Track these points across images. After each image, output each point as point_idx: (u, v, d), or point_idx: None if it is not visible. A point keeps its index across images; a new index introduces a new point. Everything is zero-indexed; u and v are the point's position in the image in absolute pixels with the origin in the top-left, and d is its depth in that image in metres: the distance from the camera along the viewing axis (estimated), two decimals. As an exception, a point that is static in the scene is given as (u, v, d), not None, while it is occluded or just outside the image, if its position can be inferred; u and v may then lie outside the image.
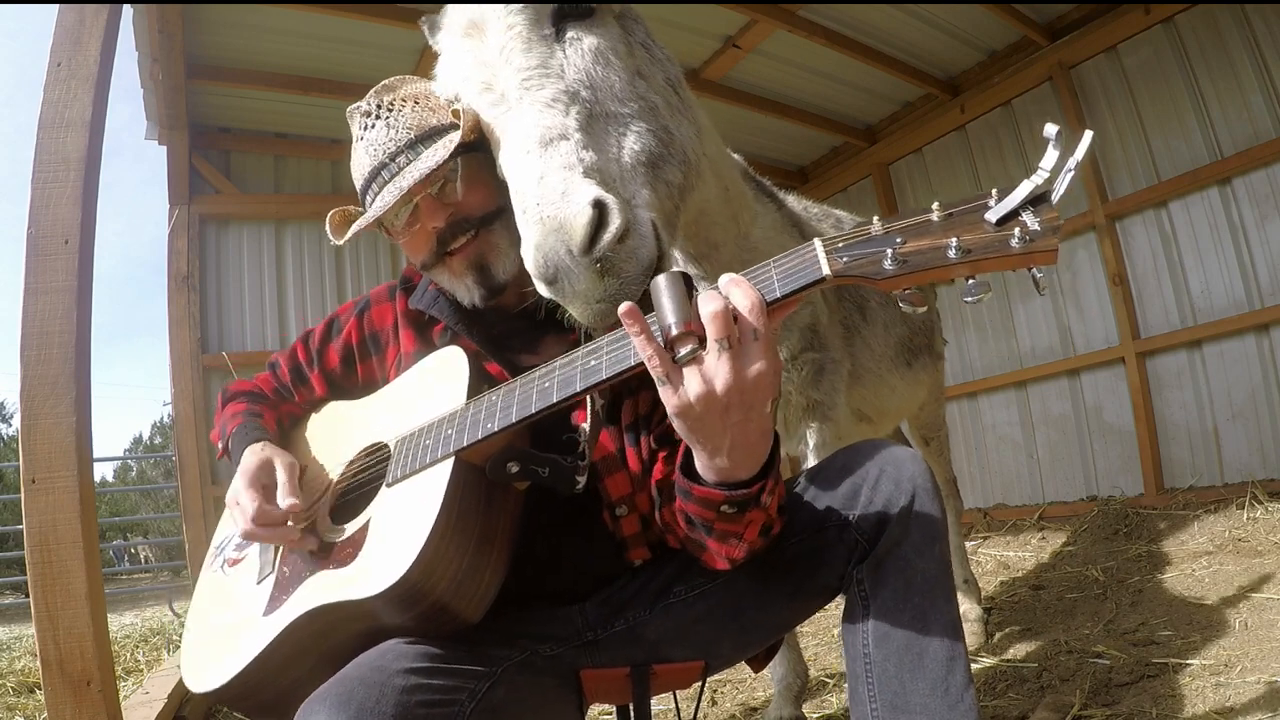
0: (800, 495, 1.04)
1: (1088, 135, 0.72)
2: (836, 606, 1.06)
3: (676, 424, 0.82)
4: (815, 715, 2.05)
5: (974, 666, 2.24)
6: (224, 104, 4.19)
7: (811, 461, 1.77)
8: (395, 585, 0.87)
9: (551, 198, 0.93)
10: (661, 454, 1.10)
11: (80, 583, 1.48)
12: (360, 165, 1.14)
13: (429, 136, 1.11)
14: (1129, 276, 4.22)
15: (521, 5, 1.08)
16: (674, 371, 0.78)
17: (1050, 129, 0.72)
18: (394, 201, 1.05)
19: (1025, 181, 0.73)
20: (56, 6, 1.66)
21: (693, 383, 0.77)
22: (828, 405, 1.77)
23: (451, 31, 1.15)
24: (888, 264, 0.75)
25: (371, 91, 1.15)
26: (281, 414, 1.29)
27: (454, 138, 1.07)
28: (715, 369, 0.76)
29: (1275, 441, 3.72)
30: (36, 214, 1.58)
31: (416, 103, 1.14)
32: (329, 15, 3.48)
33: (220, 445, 1.23)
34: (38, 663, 1.50)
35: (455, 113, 1.10)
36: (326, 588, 0.96)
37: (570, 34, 1.10)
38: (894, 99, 5.14)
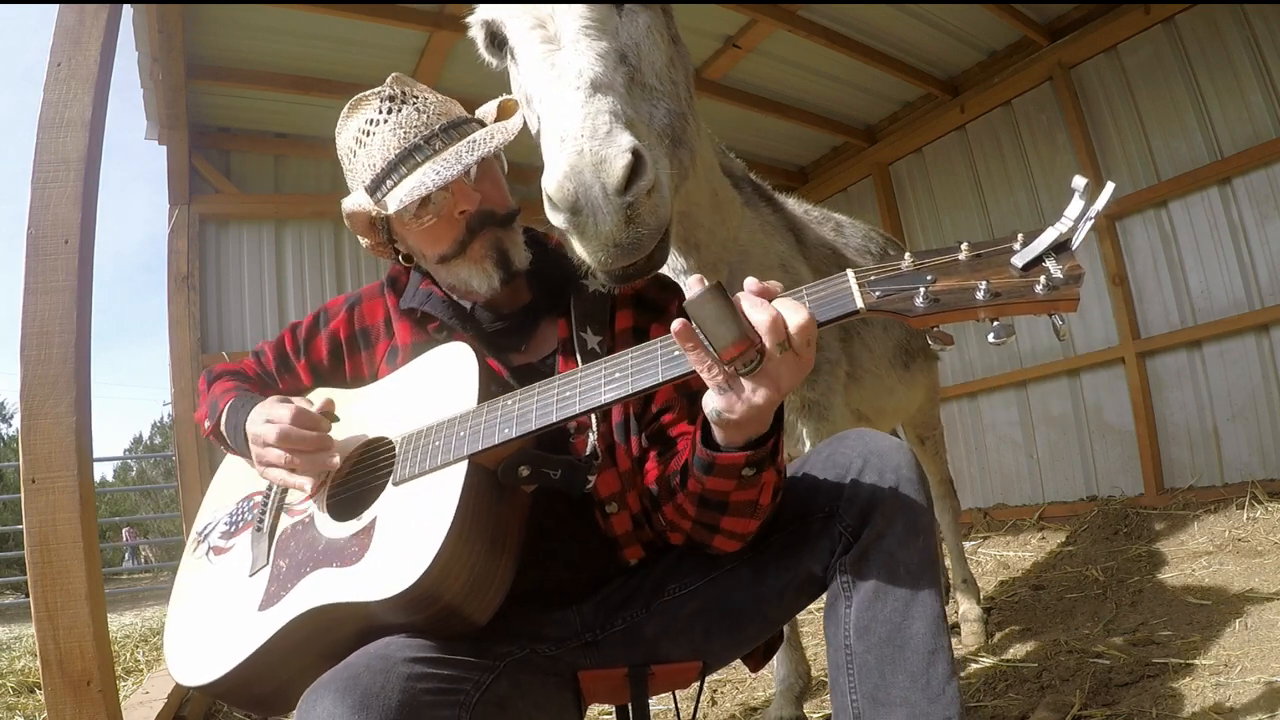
0: (788, 486, 1.03)
1: (1109, 187, 0.75)
2: (836, 606, 1.06)
3: (724, 419, 0.84)
4: (816, 715, 2.05)
5: (974, 666, 2.24)
6: (224, 104, 4.18)
7: None
8: (410, 589, 0.86)
9: (596, 134, 0.97)
10: (653, 452, 1.10)
11: (80, 582, 1.48)
12: (384, 146, 1.10)
13: (458, 125, 1.14)
14: (1129, 276, 4.21)
15: None
16: (734, 380, 0.81)
17: (1079, 181, 0.75)
18: (454, 176, 1.05)
19: (1050, 229, 0.76)
20: (56, 6, 1.66)
21: (757, 388, 0.81)
22: (823, 405, 1.80)
23: None
24: (919, 301, 0.77)
25: (387, 82, 1.15)
26: (268, 396, 1.26)
27: (510, 126, 1.12)
28: (779, 371, 0.80)
29: (1275, 441, 3.71)
30: (36, 214, 1.59)
31: (434, 95, 1.17)
32: (329, 15, 3.46)
33: (208, 423, 1.20)
34: (38, 662, 1.50)
35: (505, 105, 1.21)
36: (331, 586, 0.94)
37: (628, 7, 1.19)
38: (894, 99, 5.14)
